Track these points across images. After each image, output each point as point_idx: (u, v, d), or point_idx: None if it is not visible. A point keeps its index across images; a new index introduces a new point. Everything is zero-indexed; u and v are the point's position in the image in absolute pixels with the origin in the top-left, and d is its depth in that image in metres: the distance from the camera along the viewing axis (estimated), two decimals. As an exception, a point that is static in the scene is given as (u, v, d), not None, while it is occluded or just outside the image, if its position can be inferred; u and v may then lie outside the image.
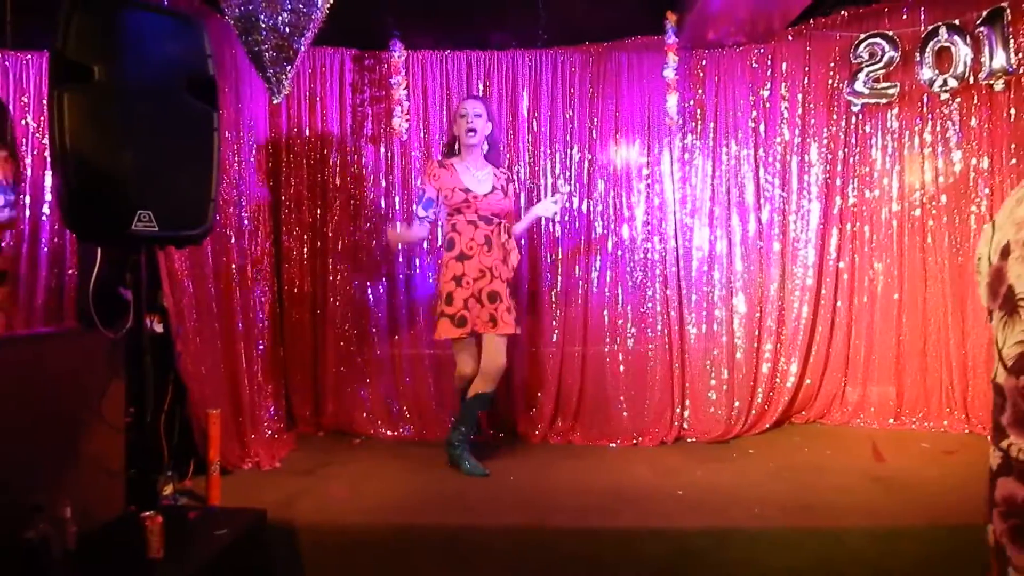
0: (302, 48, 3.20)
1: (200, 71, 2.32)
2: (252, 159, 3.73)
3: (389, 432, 4.06)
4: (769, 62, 4.14)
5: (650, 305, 4.08)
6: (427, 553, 2.59)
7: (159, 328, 2.85)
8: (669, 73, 3.90)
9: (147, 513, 2.06)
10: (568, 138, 4.19)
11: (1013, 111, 3.69)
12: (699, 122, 4.14)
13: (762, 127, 4.15)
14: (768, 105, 4.15)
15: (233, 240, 3.52)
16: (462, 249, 3.38)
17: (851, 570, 2.46)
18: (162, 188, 2.17)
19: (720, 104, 4.15)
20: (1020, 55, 3.62)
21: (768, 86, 4.15)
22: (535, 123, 4.21)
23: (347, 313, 4.15)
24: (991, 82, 3.68)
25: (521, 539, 2.62)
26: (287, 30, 3.13)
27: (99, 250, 2.31)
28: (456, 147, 3.51)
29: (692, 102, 4.14)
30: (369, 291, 4.17)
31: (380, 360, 4.14)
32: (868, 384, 4.06)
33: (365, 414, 4.09)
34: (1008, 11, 3.59)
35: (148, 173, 2.13)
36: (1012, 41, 3.60)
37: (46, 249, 3.51)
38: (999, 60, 3.61)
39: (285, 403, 4.02)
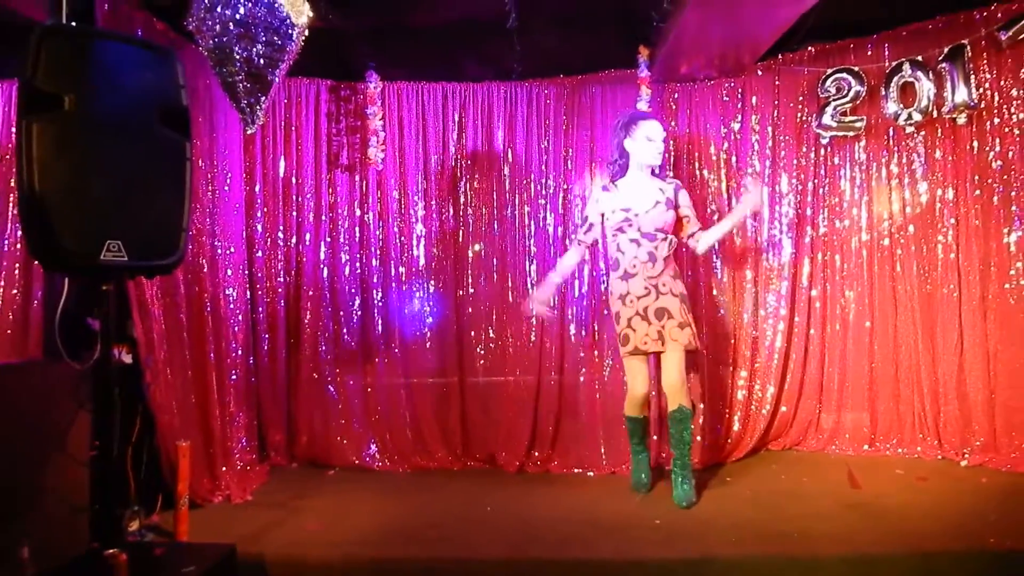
0: (276, 79, 3.21)
1: (173, 101, 2.32)
2: (226, 188, 3.71)
3: (364, 463, 4.00)
4: (740, 95, 4.23)
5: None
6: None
7: (128, 359, 2.79)
8: (643, 105, 3.97)
9: (111, 551, 2.00)
10: (544, 168, 4.23)
11: (975, 144, 3.79)
12: (671, 154, 4.20)
13: (733, 159, 4.23)
14: (739, 137, 4.23)
15: (206, 270, 3.49)
16: (625, 268, 3.40)
17: (829, 598, 2.45)
18: (132, 217, 2.15)
19: (693, 136, 4.22)
20: (981, 90, 3.73)
21: (739, 119, 4.23)
22: (510, 154, 4.25)
23: (321, 343, 4.11)
24: (954, 116, 3.79)
25: (499, 571, 2.59)
26: (261, 62, 3.14)
27: (66, 280, 2.27)
28: (624, 164, 3.51)
29: (665, 134, 4.20)
30: (344, 321, 4.14)
31: (354, 391, 4.10)
32: (842, 411, 4.09)
33: (339, 445, 4.04)
34: (968, 48, 3.71)
35: (118, 202, 2.11)
36: (973, 76, 3.71)
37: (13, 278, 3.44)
38: (961, 95, 3.72)
39: (258, 434, 3.95)
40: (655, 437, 3.87)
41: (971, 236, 3.80)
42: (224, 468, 3.43)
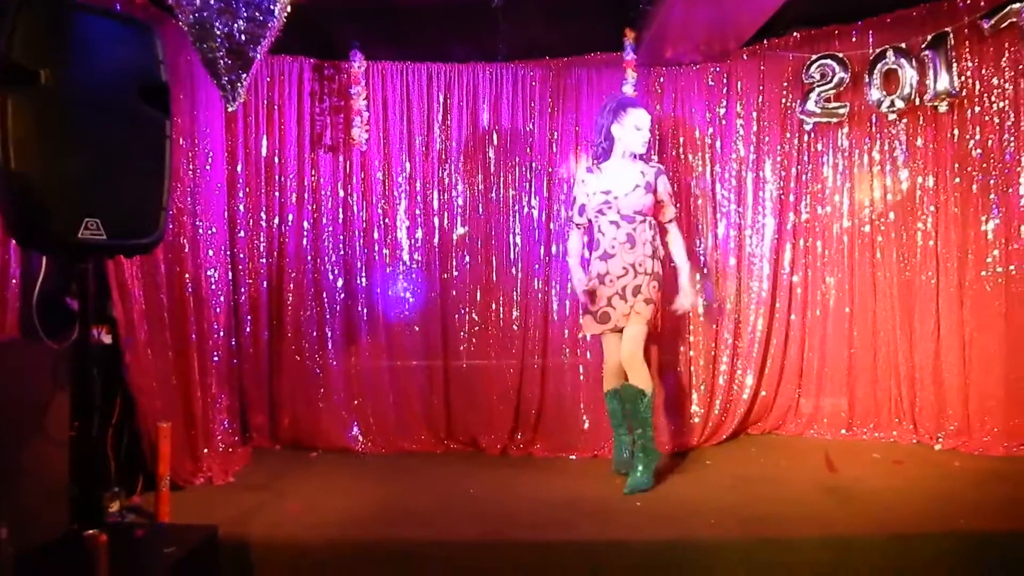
0: (258, 56, 3.16)
1: (152, 77, 2.27)
2: (207, 167, 3.66)
3: (347, 446, 3.99)
4: (725, 80, 4.23)
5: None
6: (384, 569, 2.55)
7: (107, 339, 2.77)
8: (628, 89, 3.96)
9: (91, 531, 1.99)
10: (528, 151, 4.22)
11: (956, 132, 3.82)
12: (656, 137, 4.20)
13: (718, 144, 4.23)
14: (724, 122, 4.23)
15: (187, 249, 3.45)
16: (605, 248, 3.44)
17: (805, 579, 2.50)
18: (111, 196, 2.11)
19: (678, 120, 4.22)
20: (963, 78, 3.76)
21: (724, 104, 4.23)
22: (495, 136, 4.23)
23: (304, 325, 4.08)
24: (936, 104, 3.81)
25: (480, 553, 2.60)
26: (243, 38, 3.09)
27: (44, 258, 2.24)
28: (609, 148, 3.52)
29: (650, 118, 4.20)
30: (327, 303, 4.12)
31: (337, 373, 4.09)
32: (821, 396, 4.14)
33: (322, 427, 4.03)
34: (951, 36, 3.73)
35: (96, 180, 2.07)
36: (955, 65, 3.74)
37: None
38: (943, 83, 3.75)
39: (240, 416, 3.93)
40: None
41: (950, 224, 3.84)
42: (206, 450, 3.41)
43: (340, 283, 4.14)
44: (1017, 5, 3.53)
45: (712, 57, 4.19)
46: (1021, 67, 3.62)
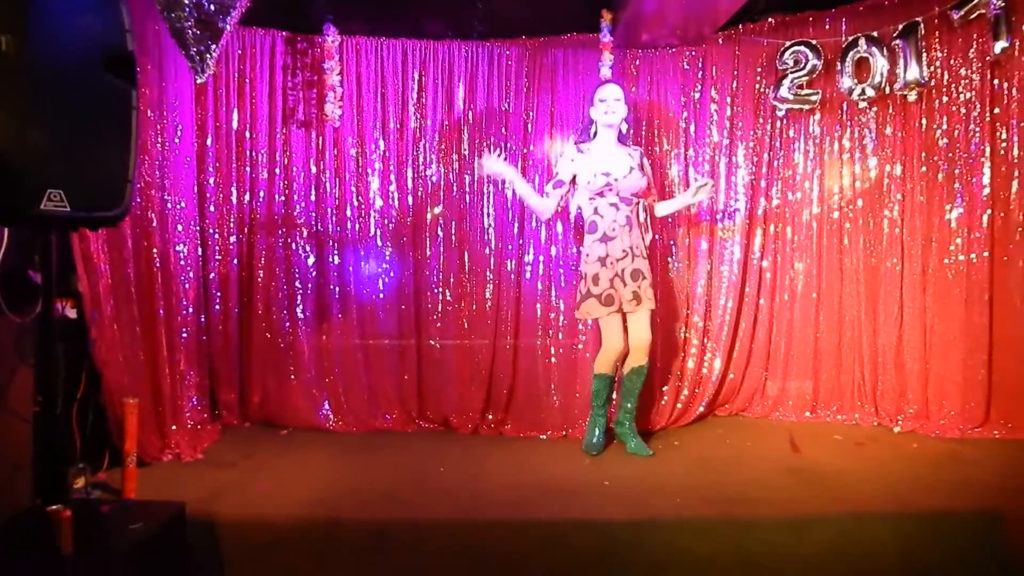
0: (228, 27, 3.11)
1: (118, 46, 2.20)
2: (176, 140, 3.59)
3: (317, 424, 3.98)
4: (700, 65, 4.24)
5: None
6: (354, 547, 2.56)
7: (72, 313, 2.72)
8: (606, 71, 3.95)
9: (54, 506, 1.96)
10: (504, 131, 4.20)
11: (924, 121, 3.89)
12: (632, 120, 4.20)
13: (692, 127, 4.26)
14: (698, 107, 4.25)
15: (155, 223, 3.39)
16: (604, 231, 3.45)
17: (766, 557, 2.55)
18: (75, 167, 2.06)
19: (653, 103, 4.23)
20: (932, 68, 3.82)
21: (699, 88, 4.25)
22: (471, 115, 4.20)
23: (275, 302, 4.05)
24: (905, 93, 3.87)
25: (450, 532, 2.62)
26: (212, 8, 3.04)
27: (5, 231, 2.19)
28: (592, 131, 3.57)
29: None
30: (298, 280, 4.08)
31: (309, 351, 4.06)
32: (787, 379, 4.22)
33: (293, 405, 4.01)
34: (922, 26, 3.79)
35: (60, 151, 2.02)
36: (925, 55, 3.80)
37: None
38: (913, 72, 3.80)
39: (209, 393, 3.90)
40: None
41: (915, 212, 3.92)
42: (174, 427, 3.38)
43: (312, 260, 4.10)
44: (986, -3, 3.59)
45: (688, 41, 4.20)
46: (988, 58, 3.69)
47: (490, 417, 4.06)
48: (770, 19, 4.16)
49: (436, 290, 4.17)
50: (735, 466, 3.31)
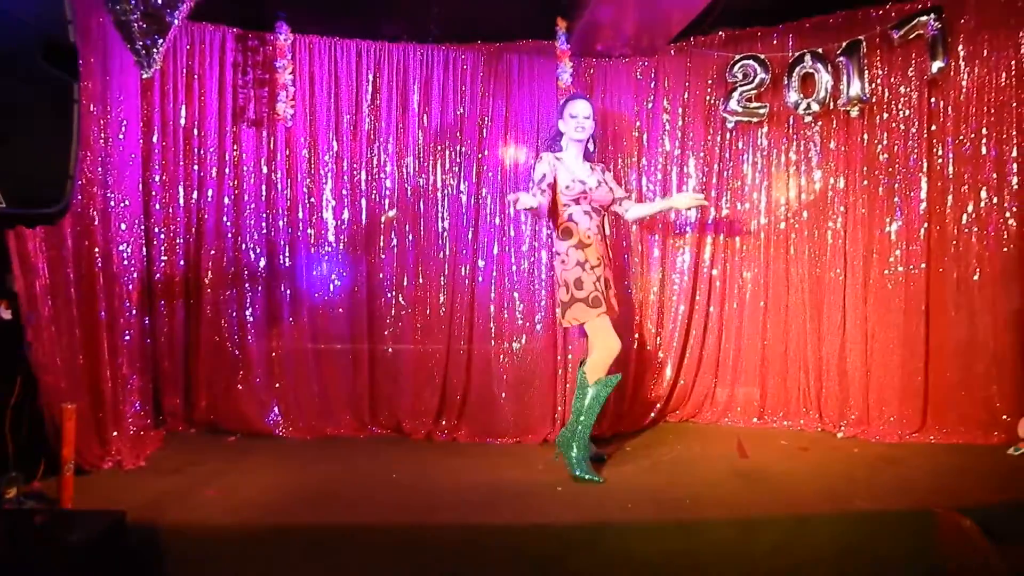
0: (176, 22, 3.04)
1: (58, 37, 2.12)
2: (121, 136, 3.48)
3: (266, 429, 3.90)
4: (653, 75, 4.32)
5: (535, 305, 4.15)
6: (303, 554, 2.51)
7: (7, 315, 2.60)
8: (566, 78, 3.99)
9: (-14, 517, 1.87)
10: (459, 135, 4.20)
11: (866, 136, 4.04)
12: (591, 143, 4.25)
13: (645, 136, 4.33)
14: (651, 116, 4.33)
15: (97, 222, 3.27)
16: (580, 238, 3.43)
17: (716, 558, 2.60)
18: (11, 162, 1.97)
19: (607, 112, 4.28)
20: (873, 85, 3.97)
21: (651, 98, 4.33)
22: (425, 118, 4.19)
23: (224, 305, 3.95)
24: (848, 108, 4.01)
25: (401, 537, 2.59)
26: (160, 1, 2.96)
27: (-64, 227, 2.08)
28: (562, 143, 3.54)
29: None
30: (248, 282, 4.00)
31: (258, 355, 3.98)
32: (736, 385, 4.32)
33: (241, 410, 3.92)
34: (864, 44, 3.94)
35: (-7, 145, 1.93)
36: (867, 72, 3.94)
37: None
38: (855, 88, 3.95)
39: (153, 398, 3.78)
40: (560, 409, 3.96)
41: (857, 224, 4.06)
42: (115, 433, 3.27)
43: (262, 263, 4.02)
44: (924, 18, 3.76)
45: (641, 51, 4.27)
46: (925, 77, 3.85)
47: (443, 423, 4.04)
48: (720, 32, 4.26)
49: (389, 294, 4.13)
50: (685, 470, 3.36)
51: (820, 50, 4.03)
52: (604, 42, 4.17)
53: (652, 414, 4.20)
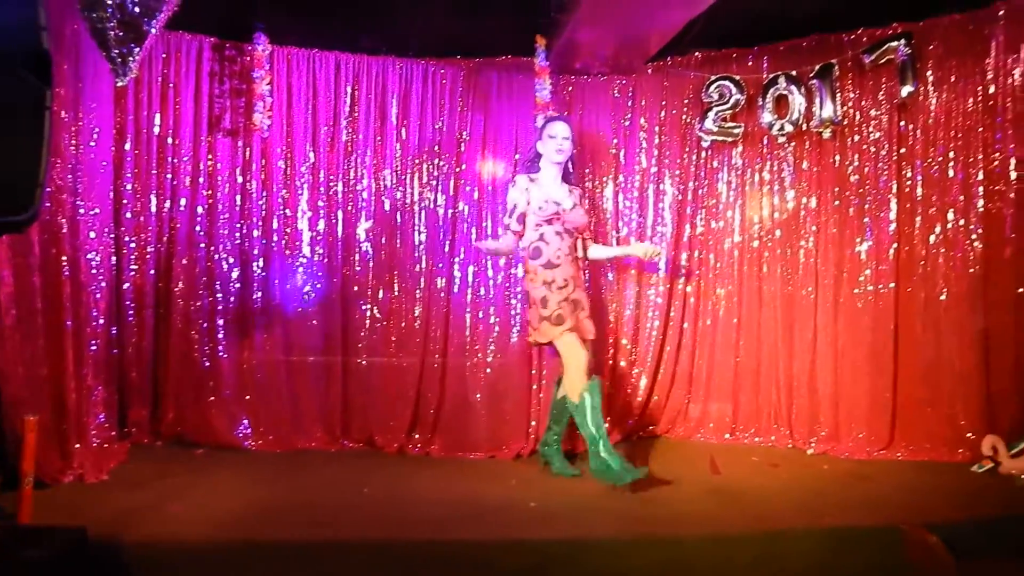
0: (153, 31, 3.01)
1: (32, 43, 2.09)
2: (92, 144, 3.42)
3: (235, 443, 3.84)
4: (630, 93, 4.38)
5: (510, 319, 4.14)
6: (272, 571, 2.46)
7: (-31, 324, 2.54)
8: (544, 95, 4.01)
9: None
10: (437, 149, 4.20)
11: (838, 157, 4.12)
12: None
13: (622, 154, 4.37)
14: (628, 134, 4.38)
15: (66, 229, 3.20)
16: (549, 258, 3.45)
17: (689, 573, 2.60)
18: (-20, 169, 1.94)
19: (584, 129, 4.32)
20: (845, 108, 4.05)
21: (628, 116, 4.38)
22: (404, 132, 4.19)
23: (194, 316, 3.89)
24: (820, 130, 4.09)
25: (373, 553, 2.55)
26: (137, 10, 2.94)
27: (-101, 232, 2.03)
28: (540, 164, 3.57)
29: (569, 135, 4.26)
30: (219, 292, 3.94)
31: (228, 366, 3.92)
32: (708, 401, 4.35)
33: (210, 423, 3.85)
34: (836, 67, 4.02)
35: (-36, 150, 1.90)
36: (839, 95, 4.03)
37: None
38: (828, 111, 4.02)
39: (119, 409, 3.69)
40: (535, 424, 3.95)
41: (829, 243, 4.13)
42: (78, 445, 3.18)
43: (235, 273, 3.97)
44: (894, 43, 3.85)
45: (619, 70, 4.32)
46: (895, 101, 3.95)
47: (416, 436, 4.01)
48: (697, 53, 4.32)
49: (364, 307, 4.11)
50: (658, 486, 3.36)
51: (794, 72, 4.11)
52: (582, 60, 4.22)
53: (625, 429, 4.21)
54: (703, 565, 2.62)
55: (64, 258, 3.20)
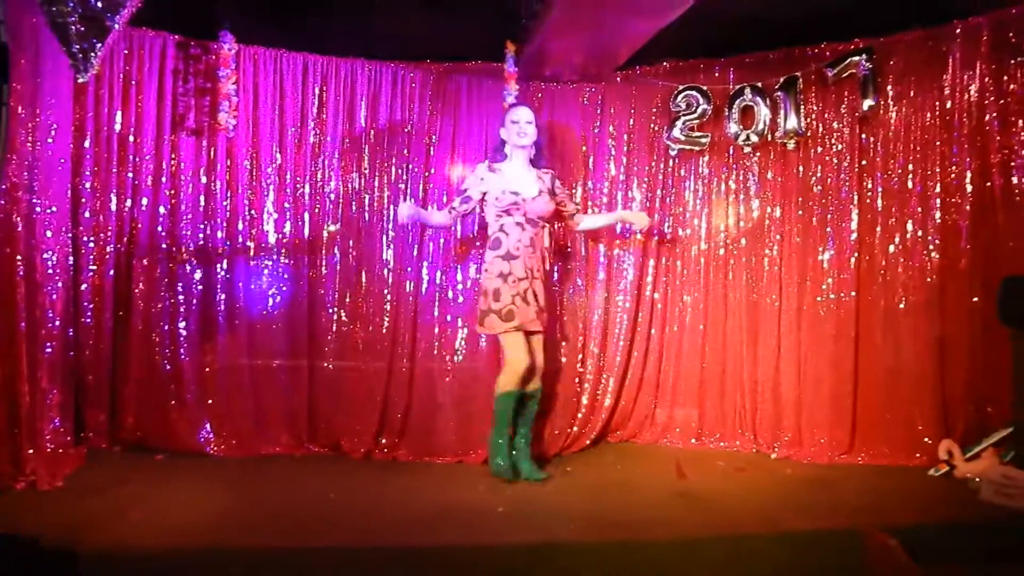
0: (116, 26, 2.95)
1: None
2: (50, 141, 3.32)
3: (197, 448, 3.76)
4: (599, 101, 4.41)
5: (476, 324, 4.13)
6: (235, 579, 2.41)
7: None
8: (511, 100, 4.02)
9: None
10: (406, 152, 4.18)
11: (801, 168, 4.20)
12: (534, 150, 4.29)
13: (591, 160, 4.40)
14: (597, 141, 4.41)
15: (21, 228, 3.11)
16: (509, 249, 3.45)
17: (655, 579, 2.63)
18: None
19: (554, 135, 4.33)
20: (808, 120, 4.14)
21: (598, 124, 4.41)
22: (372, 134, 4.16)
23: (155, 318, 3.80)
24: (785, 141, 4.17)
25: (340, 560, 2.52)
26: (99, 4, 2.87)
27: None
28: (506, 151, 3.59)
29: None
30: (182, 294, 3.86)
31: (191, 370, 3.83)
32: (675, 407, 4.39)
33: (171, 428, 3.77)
34: (800, 80, 4.11)
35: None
36: (803, 107, 4.11)
37: None
38: (792, 122, 4.10)
39: (75, 414, 3.59)
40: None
41: (792, 252, 4.21)
42: (31, 451, 3.08)
43: (198, 275, 3.89)
44: (856, 58, 3.95)
45: (588, 78, 4.36)
46: (857, 114, 4.04)
47: (383, 441, 3.97)
48: (665, 63, 4.37)
49: (331, 310, 4.06)
50: (626, 491, 3.39)
51: (759, 84, 4.18)
52: (552, 67, 4.24)
53: (594, 434, 4.22)
54: (671, 569, 2.65)
55: (19, 257, 3.11)
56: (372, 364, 4.02)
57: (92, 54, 2.95)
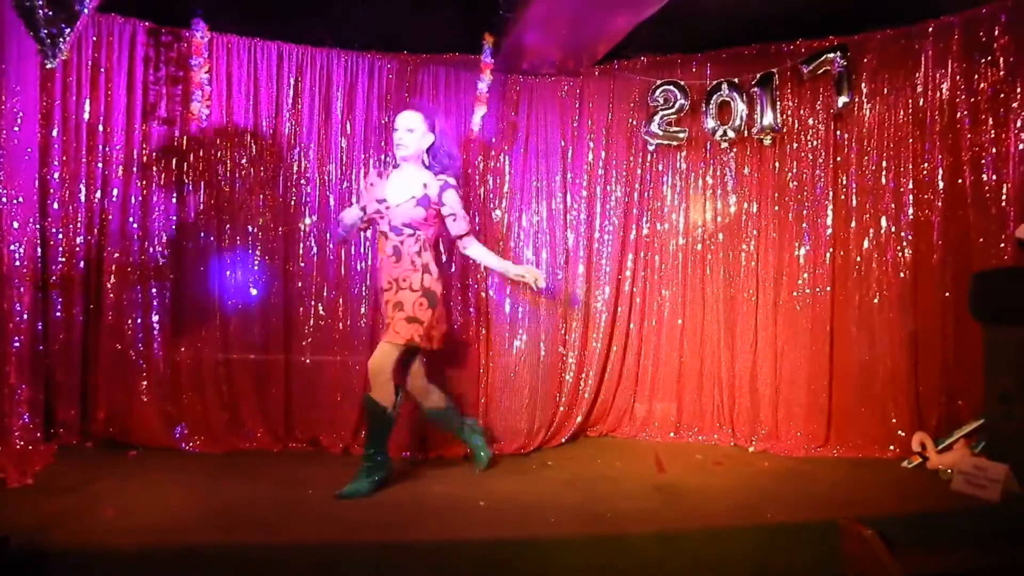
0: (85, 11, 2.87)
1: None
2: (16, 128, 3.23)
3: (172, 444, 3.69)
4: (578, 95, 4.40)
5: (455, 316, 4.11)
6: (212, 576, 2.37)
7: None
8: (482, 86, 4.00)
9: None
10: (383, 144, 4.13)
11: (777, 164, 4.24)
12: (512, 143, 4.28)
13: (570, 153, 4.39)
14: (576, 135, 4.40)
15: (-15, 219, 3.02)
16: (377, 261, 3.35)
17: (636, 570, 2.63)
18: None
19: (531, 128, 4.32)
20: (784, 116, 4.18)
21: (576, 118, 4.41)
22: (348, 126, 4.11)
23: (127, 311, 3.72)
24: (761, 137, 4.21)
25: (319, 556, 2.48)
26: (69, -12, 2.79)
27: None
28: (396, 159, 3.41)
29: (506, 123, 4.27)
30: (154, 287, 3.77)
31: (164, 364, 3.76)
32: (654, 401, 4.41)
33: (144, 423, 3.69)
34: (776, 77, 4.14)
35: None
36: (779, 103, 4.15)
37: None
38: (768, 118, 4.14)
39: (45, 409, 3.50)
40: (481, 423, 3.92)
41: (769, 247, 4.25)
42: (-1, 448, 3.00)
43: (170, 267, 3.80)
44: (831, 55, 3.99)
45: (566, 72, 4.35)
46: (832, 111, 4.09)
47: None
48: (643, 58, 4.38)
49: (308, 303, 4.00)
50: (605, 484, 3.40)
51: (736, 80, 4.21)
52: (530, 60, 4.23)
53: (573, 428, 4.23)
54: (650, 563, 2.66)
55: (-16, 249, 3.01)
56: (351, 358, 3.97)
57: (60, 40, 2.87)
